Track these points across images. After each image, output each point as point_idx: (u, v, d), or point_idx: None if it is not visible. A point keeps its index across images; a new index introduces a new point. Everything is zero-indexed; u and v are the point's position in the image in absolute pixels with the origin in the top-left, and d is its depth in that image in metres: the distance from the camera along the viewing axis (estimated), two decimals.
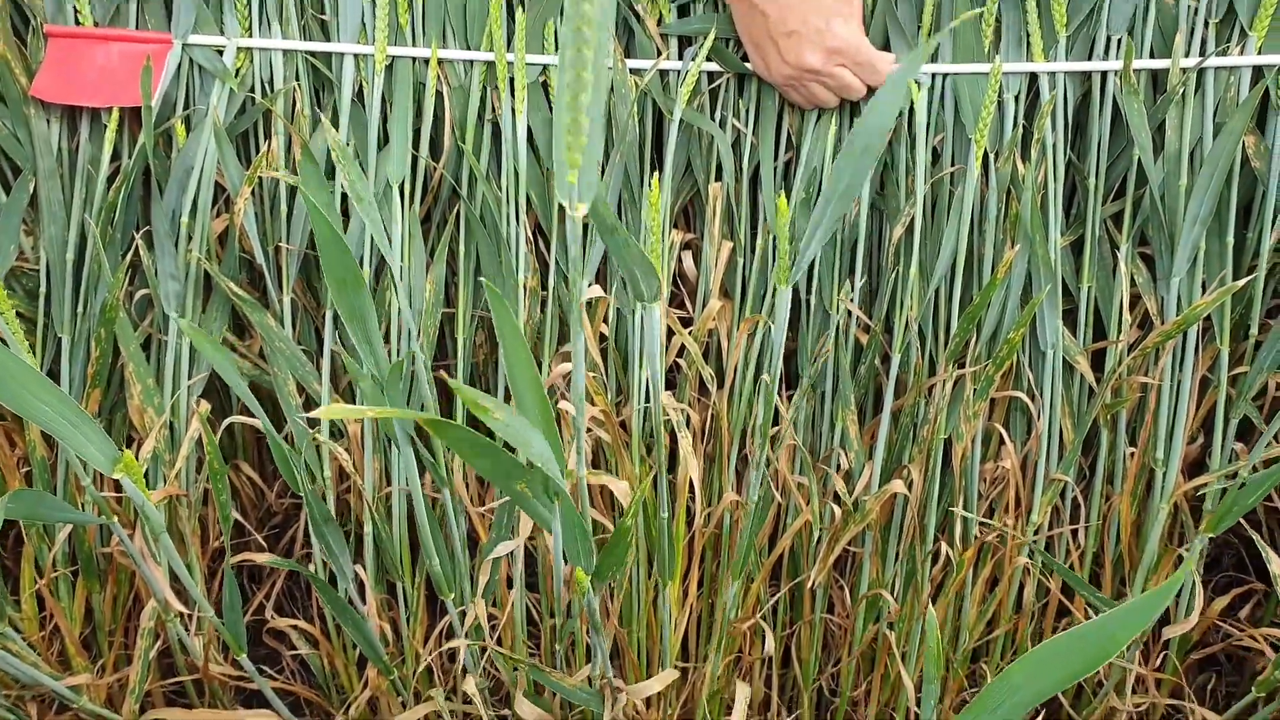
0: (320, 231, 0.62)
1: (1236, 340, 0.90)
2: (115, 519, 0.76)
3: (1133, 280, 0.90)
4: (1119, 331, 0.89)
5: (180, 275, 0.88)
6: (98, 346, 0.86)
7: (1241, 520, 0.85)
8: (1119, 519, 0.92)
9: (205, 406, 0.88)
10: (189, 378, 0.89)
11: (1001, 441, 0.91)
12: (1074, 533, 0.94)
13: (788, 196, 0.90)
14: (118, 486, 0.82)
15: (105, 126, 0.88)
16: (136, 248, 0.87)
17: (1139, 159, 0.86)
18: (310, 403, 0.92)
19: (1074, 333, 0.91)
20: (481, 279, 0.89)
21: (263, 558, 0.87)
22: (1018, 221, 0.87)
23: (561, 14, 0.39)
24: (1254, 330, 0.89)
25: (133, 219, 0.90)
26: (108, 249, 0.86)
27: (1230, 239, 0.87)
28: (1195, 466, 0.95)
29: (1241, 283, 0.83)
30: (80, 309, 0.89)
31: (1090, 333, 0.91)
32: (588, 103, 0.42)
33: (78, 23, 0.89)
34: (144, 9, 0.89)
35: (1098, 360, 0.92)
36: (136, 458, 0.65)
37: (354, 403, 0.94)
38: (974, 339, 0.89)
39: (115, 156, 0.90)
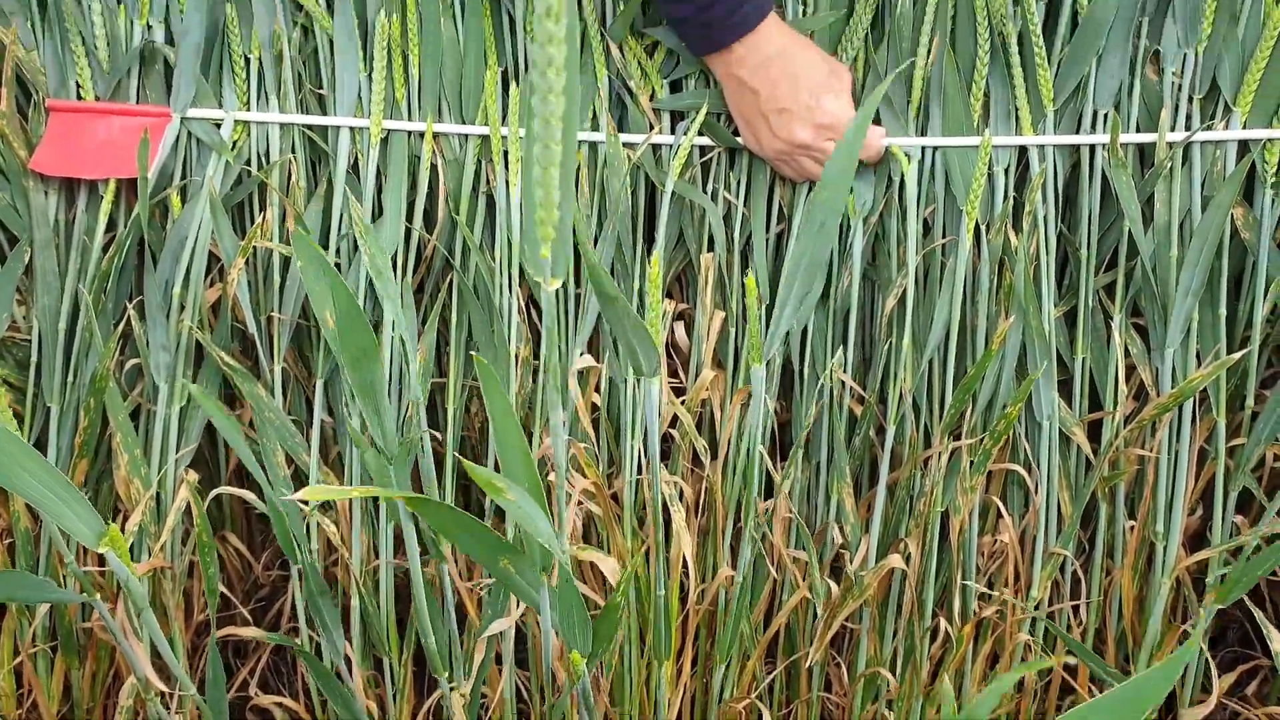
0: (340, 304, 0.61)
1: (1233, 411, 0.90)
2: (98, 595, 0.75)
3: (1127, 351, 0.89)
4: (1115, 403, 0.89)
5: (171, 345, 0.87)
6: (86, 416, 0.86)
7: (1244, 595, 0.84)
8: (1120, 594, 0.90)
9: (193, 476, 0.87)
10: (177, 449, 0.89)
11: (999, 515, 0.90)
12: (1075, 608, 0.92)
13: (779, 268, 0.90)
14: (102, 559, 0.80)
15: (102, 198, 0.89)
16: (129, 318, 0.87)
17: (1129, 231, 0.87)
18: (299, 473, 0.91)
19: (1069, 403, 0.90)
20: (473, 351, 0.89)
21: (249, 632, 0.85)
22: (1011, 293, 0.87)
23: (531, 86, 0.39)
24: (1250, 401, 0.89)
25: (126, 289, 0.90)
26: (99, 318, 0.86)
27: (1223, 310, 0.87)
28: (1195, 539, 0.94)
29: (1237, 356, 0.83)
30: (70, 379, 0.88)
31: (1086, 404, 0.90)
32: (558, 175, 0.42)
33: (79, 97, 0.90)
34: (145, 84, 0.90)
35: (1094, 431, 0.91)
36: (122, 530, 0.64)
37: (343, 474, 0.93)
38: (969, 410, 0.89)
39: (111, 227, 0.90)
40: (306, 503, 0.87)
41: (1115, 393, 0.89)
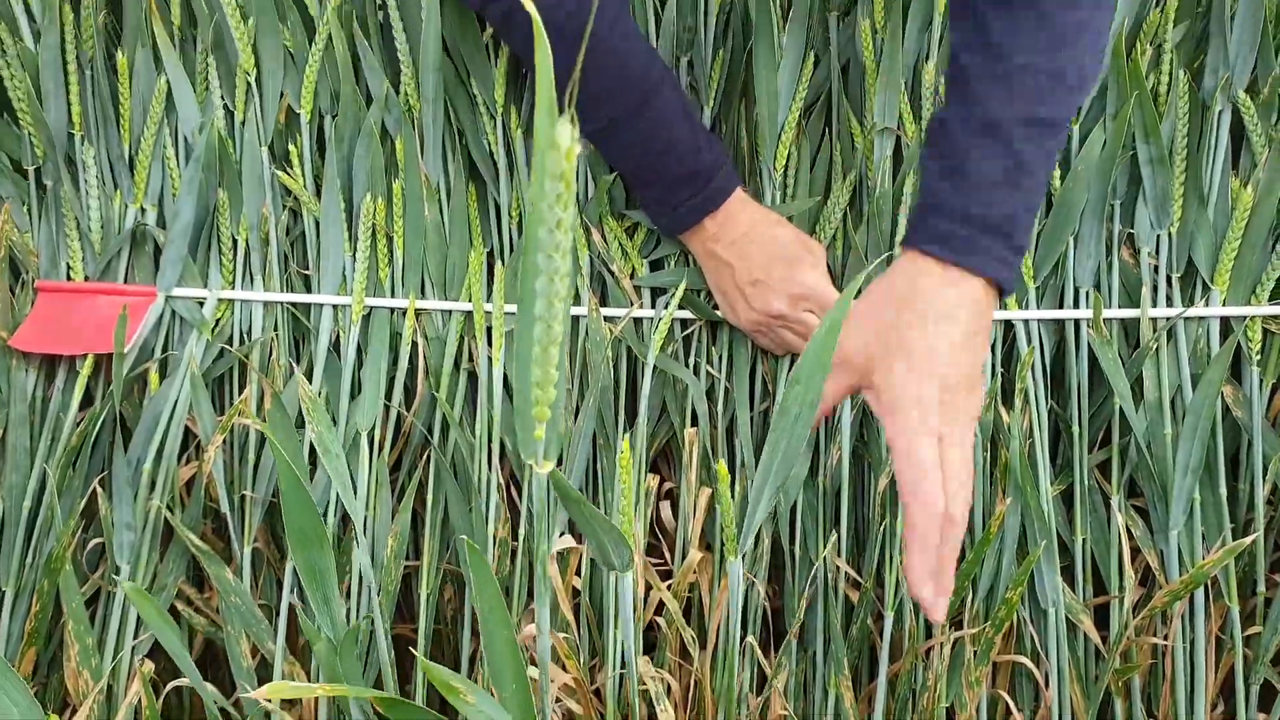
0: (285, 481, 0.59)
1: (1244, 597, 0.85)
2: None
3: (1129, 532, 0.86)
4: (1120, 588, 0.84)
5: (136, 525, 0.84)
6: (39, 600, 0.82)
7: None
8: None
9: (149, 667, 0.82)
10: (136, 635, 0.84)
11: (1009, 711, 0.84)
12: None
13: (761, 445, 0.88)
14: None
15: (79, 373, 0.88)
16: (96, 496, 0.85)
17: (1120, 407, 0.85)
18: (264, 663, 0.86)
19: (1072, 587, 0.86)
20: (456, 534, 0.86)
21: None
22: (1007, 471, 0.85)
23: (527, 268, 0.39)
24: (1261, 587, 0.85)
25: (98, 466, 0.88)
26: (64, 496, 0.84)
27: (1223, 490, 0.85)
28: None
29: (1247, 540, 0.80)
30: (30, 560, 0.85)
31: (1090, 588, 0.86)
32: (558, 356, 0.40)
33: (69, 277, 0.91)
34: (134, 264, 0.91)
35: (1101, 614, 0.86)
36: None
37: (310, 663, 0.87)
38: (970, 597, 0.85)
39: (88, 403, 0.89)
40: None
41: (1120, 577, 0.85)
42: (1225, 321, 0.87)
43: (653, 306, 0.90)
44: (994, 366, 0.87)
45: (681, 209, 0.83)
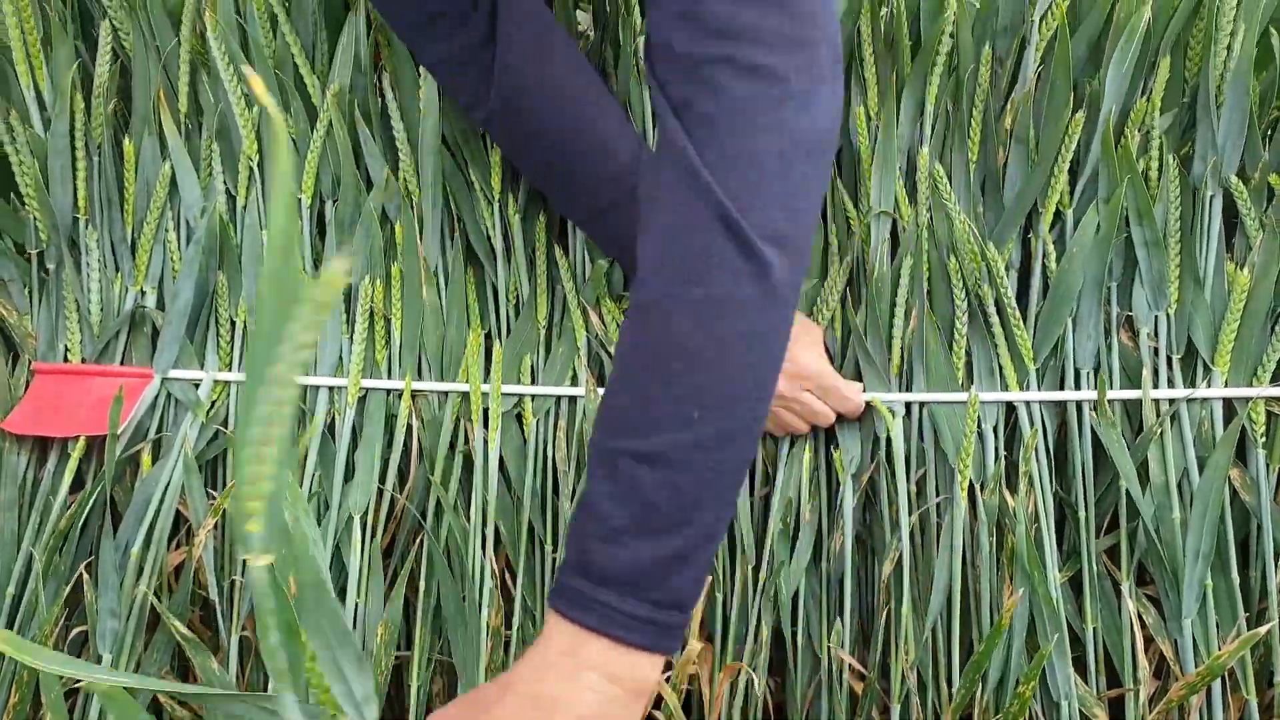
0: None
1: (1261, 688, 0.82)
2: None
3: (1141, 620, 0.84)
4: (1134, 679, 0.82)
5: (121, 612, 0.82)
6: (18, 690, 0.79)
7: None
8: None
9: None
10: None
11: None
12: None
13: (764, 527, 0.87)
14: None
15: (70, 455, 0.87)
16: (82, 581, 0.83)
17: (1126, 490, 0.84)
18: None
19: (1084, 678, 0.83)
20: (449, 624, 0.84)
21: None
22: (1013, 557, 0.83)
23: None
24: (1278, 677, 0.82)
25: (86, 549, 0.86)
26: (48, 582, 0.82)
27: (1235, 576, 0.83)
28: None
29: (1262, 630, 0.77)
30: None
31: (1103, 679, 0.83)
32: (282, 440, 0.34)
33: (66, 359, 0.91)
34: (131, 345, 0.91)
35: (1116, 707, 0.83)
36: None
37: None
38: (980, 689, 0.82)
39: (79, 486, 0.88)
40: None
41: (1134, 668, 0.82)
42: (1228, 403, 0.86)
43: None
44: (996, 450, 0.86)
45: None
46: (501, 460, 0.87)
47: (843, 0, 0.87)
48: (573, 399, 0.88)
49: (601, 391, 0.86)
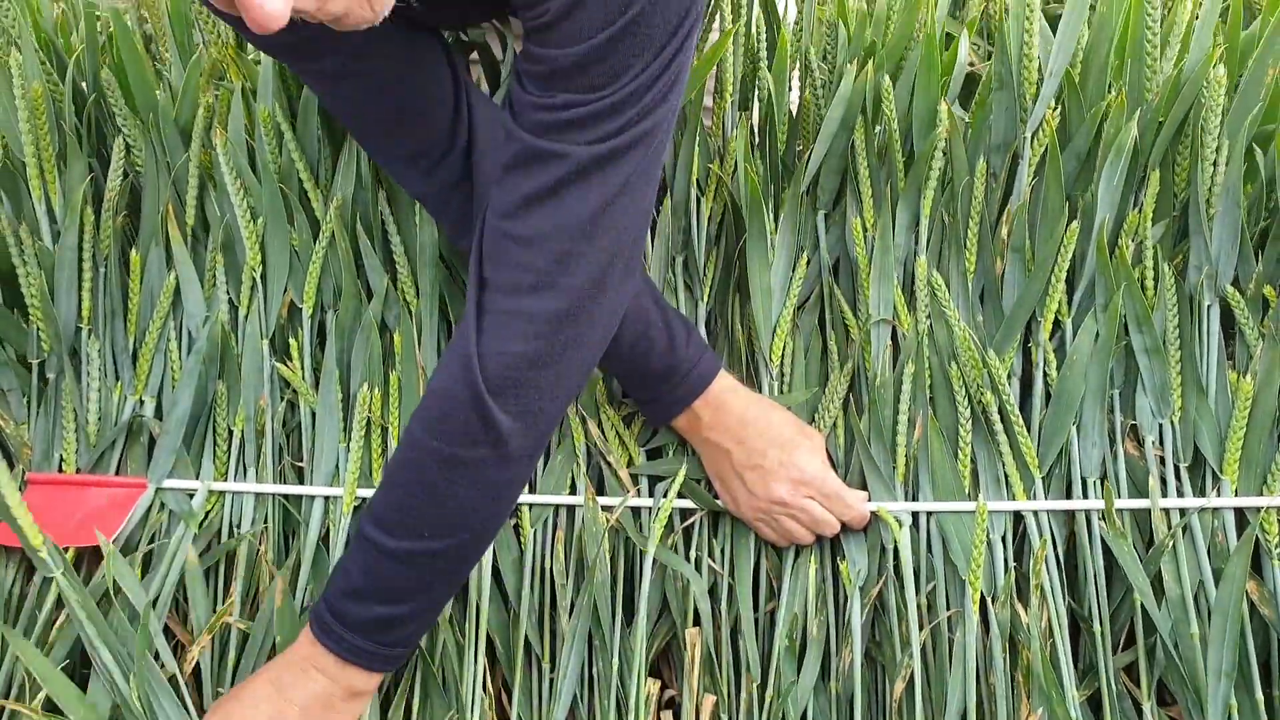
0: None
1: None
2: None
3: None
4: None
5: None
6: None
7: None
8: None
9: None
10: None
11: None
12: None
13: (770, 644, 0.84)
14: None
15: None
16: None
17: (1141, 604, 0.82)
18: None
19: None
20: None
21: None
22: (1029, 674, 0.80)
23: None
24: None
25: (72, 669, 0.83)
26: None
27: (1259, 695, 0.80)
28: None
29: None
30: None
31: None
32: None
33: (61, 469, 0.90)
34: (127, 455, 0.90)
35: None
36: None
37: None
38: None
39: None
40: None
41: None
42: (1240, 513, 0.84)
43: (651, 496, 0.88)
44: (1006, 561, 0.84)
45: (666, 399, 0.83)
46: (498, 571, 0.85)
47: (837, 115, 0.89)
48: (571, 508, 0.87)
49: (600, 500, 0.85)
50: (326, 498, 0.87)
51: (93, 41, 0.97)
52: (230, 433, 0.89)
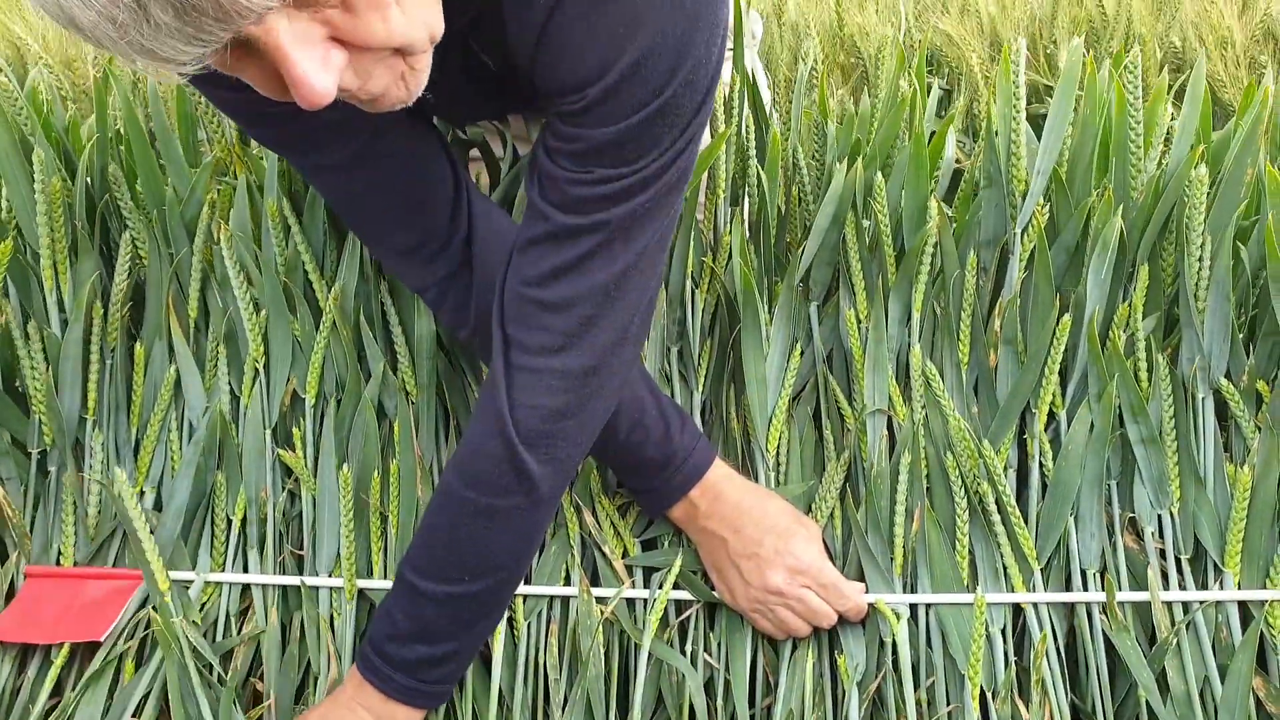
0: None
1: None
2: None
3: None
4: None
5: None
6: None
7: None
8: None
9: None
10: None
11: None
12: None
13: None
14: None
15: (53, 662, 0.85)
16: None
17: (1146, 700, 0.80)
18: None
19: None
20: None
21: None
22: None
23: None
24: None
25: None
26: None
27: None
28: None
29: None
30: None
31: None
32: None
33: (59, 562, 0.90)
34: (125, 546, 0.90)
35: None
36: None
37: None
38: None
39: (60, 690, 0.85)
40: None
41: None
42: (1243, 606, 0.83)
43: (646, 587, 0.88)
44: (1006, 655, 0.83)
45: (662, 489, 0.84)
46: (490, 664, 0.85)
47: (829, 211, 0.91)
48: (566, 599, 0.86)
49: (595, 591, 0.85)
50: (331, 588, 0.87)
51: (103, 141, 0.99)
52: (229, 522, 0.90)
